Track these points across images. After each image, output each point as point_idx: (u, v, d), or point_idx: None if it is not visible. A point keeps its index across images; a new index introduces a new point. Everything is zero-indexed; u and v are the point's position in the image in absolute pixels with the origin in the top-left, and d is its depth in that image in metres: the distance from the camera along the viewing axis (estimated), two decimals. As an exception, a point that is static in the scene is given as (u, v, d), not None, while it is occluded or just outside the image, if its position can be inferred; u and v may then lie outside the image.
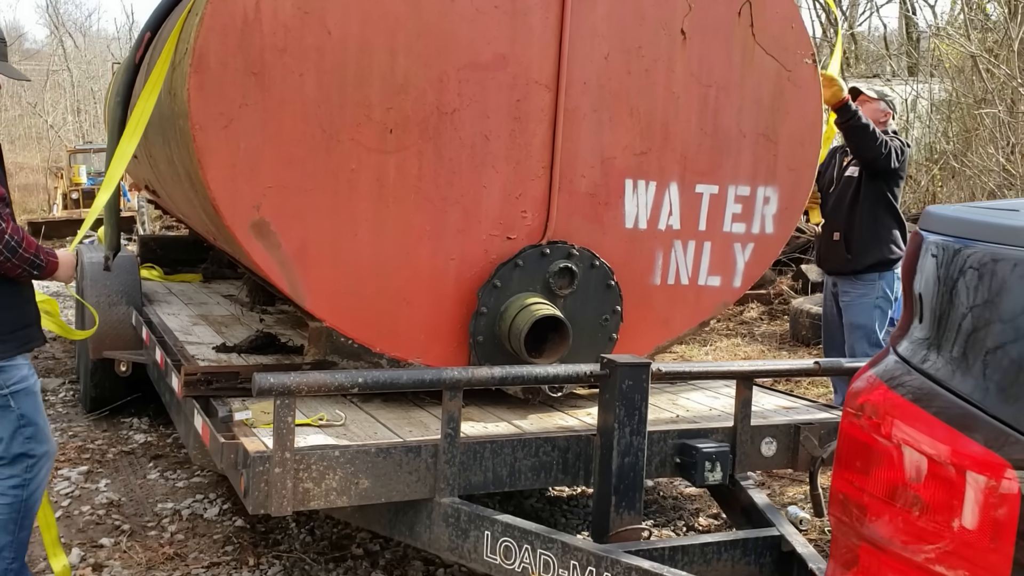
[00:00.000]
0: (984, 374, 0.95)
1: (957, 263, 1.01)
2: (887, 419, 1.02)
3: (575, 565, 2.82)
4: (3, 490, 3.23)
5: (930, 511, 0.96)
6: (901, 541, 0.97)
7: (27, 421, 3.24)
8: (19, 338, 3.23)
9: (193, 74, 3.13)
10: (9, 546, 3.24)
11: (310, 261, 3.35)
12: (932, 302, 1.00)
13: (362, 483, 3.02)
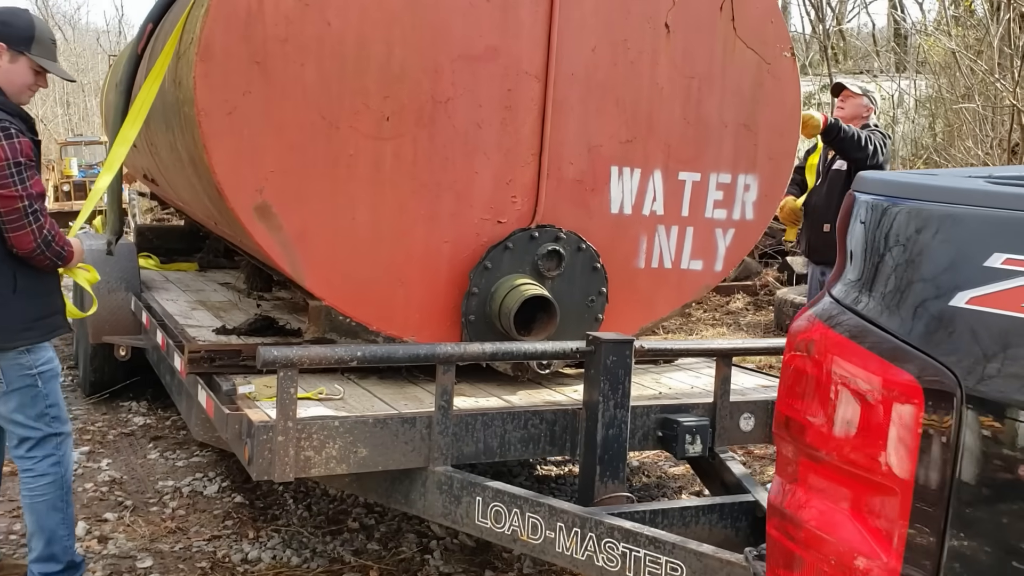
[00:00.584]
0: (910, 313, 1.12)
1: (885, 218, 1.18)
2: (826, 352, 1.19)
3: (561, 527, 2.99)
4: (44, 470, 3.34)
5: (860, 428, 1.13)
6: (836, 455, 1.14)
7: (52, 402, 3.37)
8: (46, 325, 3.35)
9: (199, 63, 3.29)
10: (62, 524, 3.37)
11: (310, 242, 3.51)
12: (862, 251, 1.16)
13: (360, 452, 3.18)
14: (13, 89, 3.25)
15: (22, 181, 3.11)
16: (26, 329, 3.27)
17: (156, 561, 3.92)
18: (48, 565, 3.35)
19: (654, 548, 2.79)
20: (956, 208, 1.07)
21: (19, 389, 3.25)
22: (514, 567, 4.02)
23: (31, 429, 3.30)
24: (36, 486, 3.33)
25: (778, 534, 1.21)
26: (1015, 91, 7.26)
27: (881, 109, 15.85)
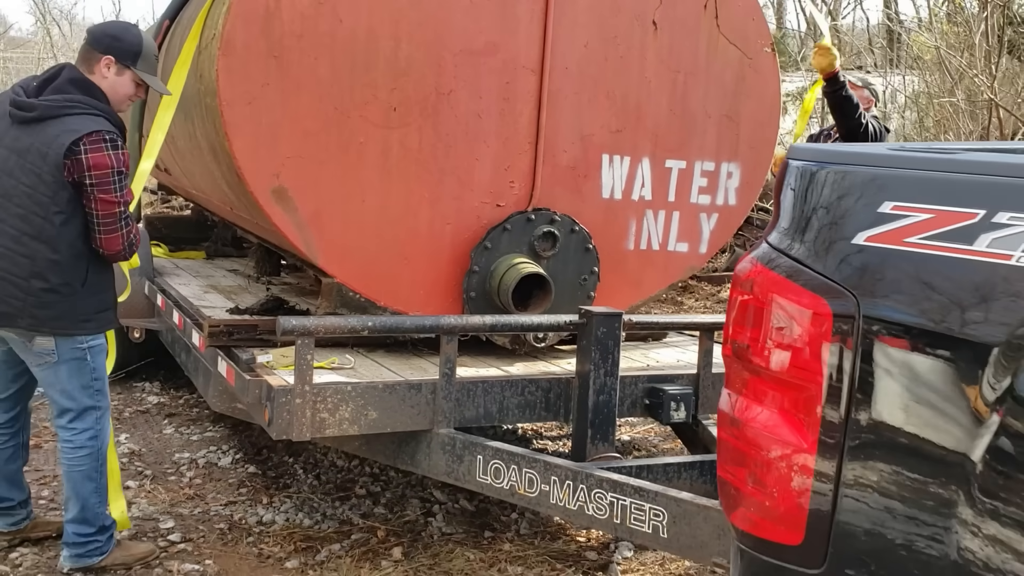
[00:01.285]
0: (827, 254, 1.40)
1: (812, 180, 1.46)
2: (765, 289, 1.47)
3: (555, 480, 3.28)
4: (82, 442, 3.54)
5: (789, 346, 1.41)
6: (772, 368, 1.43)
7: (97, 375, 3.58)
8: (103, 319, 3.56)
9: (221, 57, 3.57)
10: (94, 492, 3.61)
11: (323, 224, 3.79)
12: (792, 206, 1.45)
13: (371, 414, 3.47)
14: (116, 99, 3.50)
15: (120, 189, 3.32)
16: (85, 321, 3.47)
17: (177, 523, 4.19)
18: (81, 526, 3.61)
19: (639, 497, 3.08)
20: (862, 168, 1.35)
21: (69, 361, 3.46)
22: (511, 528, 4.30)
23: (74, 400, 3.52)
24: (74, 457, 3.56)
25: (727, 436, 1.49)
26: (992, 86, 7.56)
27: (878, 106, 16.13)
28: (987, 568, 1.15)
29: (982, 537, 1.16)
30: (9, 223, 3.32)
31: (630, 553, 4.07)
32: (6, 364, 3.65)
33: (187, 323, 4.74)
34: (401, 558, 3.90)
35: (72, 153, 3.23)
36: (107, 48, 3.44)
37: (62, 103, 3.32)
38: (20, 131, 3.33)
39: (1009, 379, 1.11)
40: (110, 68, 3.45)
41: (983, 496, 1.15)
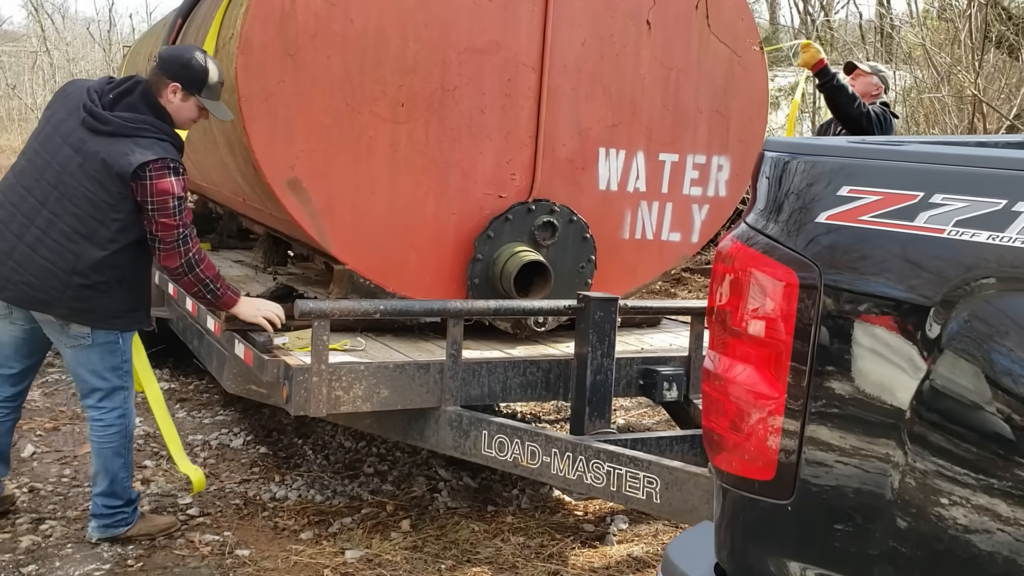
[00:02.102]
0: (796, 232, 1.63)
1: (786, 168, 1.68)
2: (745, 264, 1.69)
3: (556, 452, 3.50)
4: (112, 421, 3.75)
5: (763, 312, 1.64)
6: (749, 330, 1.65)
7: (126, 358, 3.78)
8: (134, 318, 3.76)
9: (240, 55, 3.78)
10: (123, 467, 3.82)
11: (335, 213, 4.01)
12: (767, 191, 1.67)
13: (382, 392, 3.69)
14: (179, 121, 3.71)
15: (180, 212, 3.52)
16: (116, 318, 3.66)
17: (195, 499, 4.41)
18: (110, 499, 3.82)
19: (633, 466, 3.31)
20: (826, 158, 1.57)
21: (103, 344, 3.66)
22: (512, 503, 4.53)
23: (104, 381, 3.72)
24: (104, 435, 3.77)
25: (711, 390, 1.71)
26: (976, 82, 7.79)
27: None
28: (915, 507, 1.37)
29: (910, 479, 1.38)
30: (64, 220, 3.50)
31: (625, 525, 4.30)
32: (25, 341, 3.82)
33: (201, 309, 4.94)
34: (409, 530, 4.12)
35: (138, 177, 3.42)
36: (175, 75, 3.62)
37: (135, 123, 3.51)
38: (89, 136, 3.49)
39: (939, 332, 1.33)
40: (176, 94, 3.63)
41: (910, 441, 1.37)
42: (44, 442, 5.18)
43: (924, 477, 1.36)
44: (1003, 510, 1.26)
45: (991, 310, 1.27)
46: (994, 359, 1.29)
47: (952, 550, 1.33)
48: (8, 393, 3.89)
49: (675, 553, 1.85)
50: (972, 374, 1.32)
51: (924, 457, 1.35)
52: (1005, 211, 1.29)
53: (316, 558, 3.80)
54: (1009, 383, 1.28)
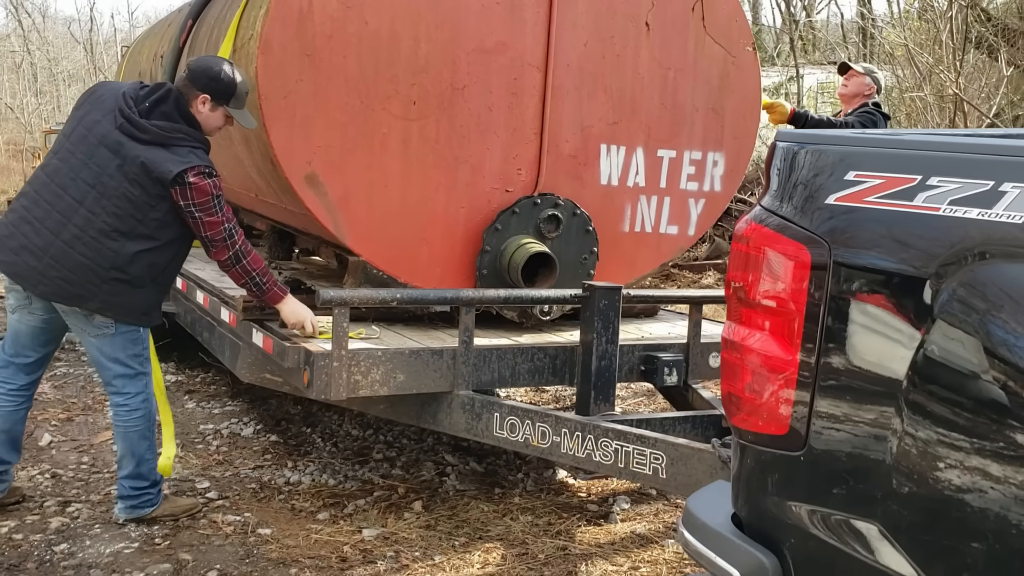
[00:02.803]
0: (807, 212, 1.82)
1: (795, 156, 1.87)
2: (760, 242, 1.88)
3: (565, 432, 3.69)
4: (136, 405, 3.91)
5: (778, 283, 1.83)
6: (764, 300, 1.84)
7: (145, 346, 3.97)
8: (154, 315, 3.92)
9: (260, 55, 3.94)
10: (148, 449, 3.98)
11: (350, 207, 4.18)
12: (779, 175, 1.86)
13: (399, 377, 3.87)
14: (207, 129, 3.89)
15: (221, 209, 3.73)
16: (144, 313, 3.85)
17: (212, 484, 4.57)
18: (137, 481, 3.98)
19: (640, 443, 3.50)
20: (832, 147, 1.76)
21: (125, 332, 3.83)
22: (519, 486, 4.72)
23: (128, 368, 3.88)
24: (130, 419, 3.92)
25: (729, 357, 1.90)
26: (957, 81, 8.03)
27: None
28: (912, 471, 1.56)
29: (907, 444, 1.57)
30: (102, 218, 3.65)
31: (627, 505, 4.49)
32: (42, 331, 3.95)
33: (214, 302, 5.11)
34: (422, 510, 4.30)
35: (177, 183, 3.63)
36: (204, 87, 3.80)
37: (172, 132, 3.71)
38: (126, 140, 3.66)
39: (932, 301, 1.52)
40: (205, 104, 3.82)
41: (907, 408, 1.57)
42: (60, 431, 5.32)
43: (918, 430, 1.55)
44: (994, 469, 1.44)
45: (978, 279, 1.47)
46: (980, 324, 1.48)
47: (944, 496, 1.52)
48: (23, 381, 4.02)
49: (694, 506, 2.04)
50: (961, 340, 1.51)
51: (919, 415, 1.55)
52: (992, 191, 1.48)
53: (335, 536, 3.97)
54: (995, 347, 1.47)
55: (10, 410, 4.00)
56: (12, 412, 4.01)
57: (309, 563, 3.70)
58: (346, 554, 3.80)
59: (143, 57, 7.74)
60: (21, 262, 3.73)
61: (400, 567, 3.71)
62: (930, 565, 1.54)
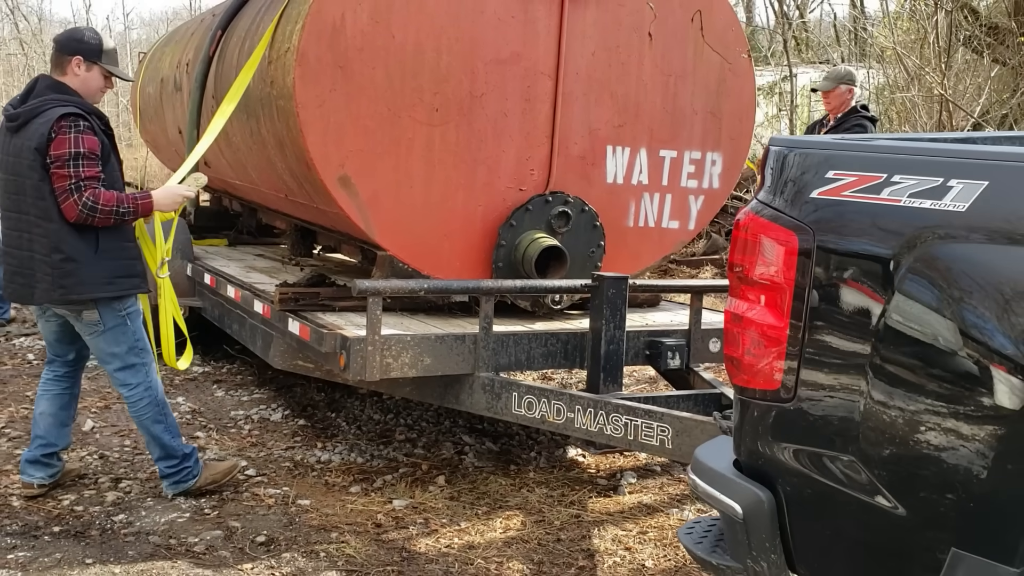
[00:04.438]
0: (796, 204, 2.19)
1: (786, 158, 2.24)
2: (757, 230, 2.24)
3: (579, 408, 4.06)
4: (140, 395, 4.15)
5: (772, 263, 2.20)
6: (760, 278, 2.21)
7: (138, 336, 4.17)
8: (125, 283, 4.07)
9: (297, 67, 4.31)
10: (165, 431, 4.23)
11: (379, 206, 4.54)
12: (772, 174, 2.22)
13: (426, 360, 4.23)
14: (89, 91, 4.06)
15: (76, 167, 3.82)
16: (107, 284, 3.99)
17: (249, 463, 4.93)
18: (167, 462, 4.28)
19: (648, 417, 3.87)
20: (816, 151, 2.13)
21: (113, 328, 4.05)
22: (532, 463, 5.08)
23: (122, 360, 4.11)
24: (139, 408, 4.18)
25: (731, 327, 2.26)
26: (943, 82, 8.41)
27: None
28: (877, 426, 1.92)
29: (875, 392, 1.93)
30: (33, 213, 3.91)
31: (634, 479, 4.86)
32: (63, 333, 4.24)
33: (246, 295, 5.47)
34: (445, 484, 4.67)
35: (48, 138, 3.81)
36: (75, 50, 4.02)
37: (39, 104, 3.91)
38: (14, 138, 3.93)
39: (893, 277, 1.89)
40: (80, 66, 4.02)
41: (872, 372, 1.93)
42: (100, 418, 5.67)
43: (883, 381, 1.92)
44: (940, 411, 1.81)
45: (928, 257, 1.84)
46: (930, 294, 1.85)
47: (906, 433, 1.89)
48: (65, 370, 4.34)
49: (702, 455, 2.41)
50: (913, 308, 1.87)
51: (882, 370, 1.92)
52: (942, 186, 1.85)
53: (368, 506, 4.34)
54: (942, 311, 1.83)
55: (55, 393, 4.31)
56: (57, 396, 4.32)
57: (348, 528, 4.06)
58: (380, 521, 4.17)
59: (164, 64, 8.09)
60: (15, 287, 4.06)
61: (430, 531, 4.08)
62: (893, 487, 1.91)
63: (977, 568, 1.77)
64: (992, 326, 1.73)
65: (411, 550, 3.90)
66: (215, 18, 6.44)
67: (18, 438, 5.16)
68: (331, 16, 4.32)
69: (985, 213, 1.79)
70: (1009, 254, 1.75)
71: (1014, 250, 1.75)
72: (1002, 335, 1.73)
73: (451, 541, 4.01)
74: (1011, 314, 1.73)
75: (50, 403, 4.32)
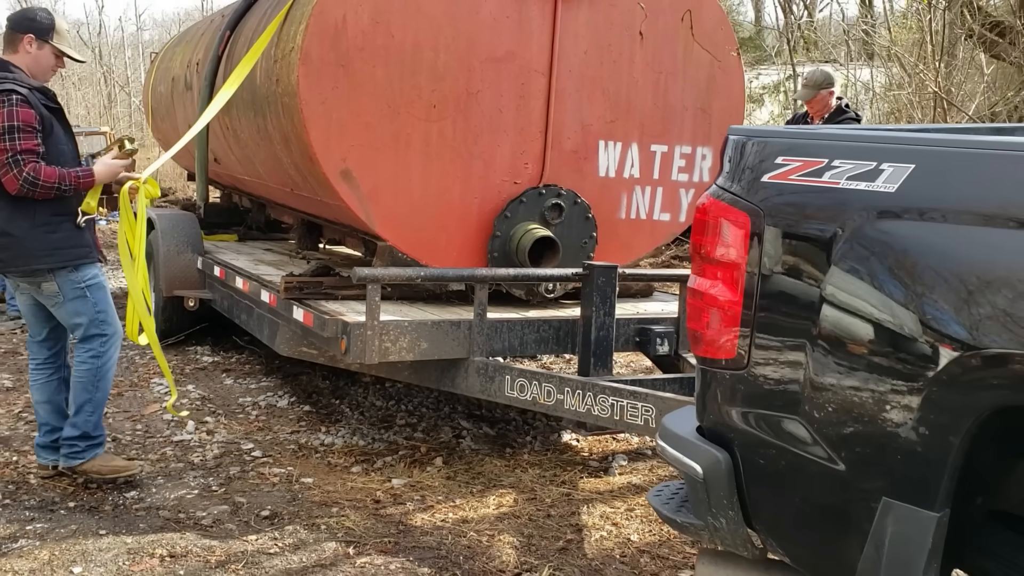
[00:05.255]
0: (751, 189, 2.38)
1: (744, 146, 2.43)
2: (717, 213, 2.44)
3: (568, 390, 4.25)
4: (85, 359, 4.24)
5: (728, 243, 2.39)
6: (717, 257, 2.41)
7: (100, 308, 4.23)
8: (69, 254, 4.10)
9: (301, 65, 4.52)
10: (89, 402, 4.27)
11: (379, 198, 4.75)
12: (731, 161, 2.41)
13: (422, 344, 4.44)
14: (40, 69, 4.16)
15: (12, 140, 3.89)
16: (46, 256, 4.07)
17: (256, 445, 5.14)
18: (71, 429, 4.29)
19: (633, 398, 4.06)
20: (769, 139, 2.33)
21: (73, 299, 4.17)
22: (527, 447, 5.28)
23: (82, 328, 4.22)
24: (78, 370, 4.28)
25: (693, 302, 2.45)
26: (937, 80, 8.57)
27: (849, 97, 17.17)
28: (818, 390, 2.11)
29: (816, 359, 2.12)
30: None
31: (625, 462, 5.05)
32: (37, 307, 4.34)
33: (254, 285, 5.68)
34: (442, 465, 4.87)
35: None
36: (27, 29, 4.12)
37: None
38: None
39: (832, 253, 2.08)
40: (32, 44, 4.12)
41: (813, 341, 2.11)
42: (112, 404, 5.88)
43: (822, 349, 2.11)
44: (871, 375, 1.99)
45: (862, 233, 2.03)
46: (861, 266, 2.03)
47: (844, 395, 2.08)
48: (44, 356, 4.45)
49: (669, 422, 2.60)
50: (847, 280, 2.05)
51: (821, 338, 2.11)
52: (874, 169, 2.04)
53: (368, 484, 4.54)
54: (872, 281, 2.01)
55: (43, 382, 4.46)
56: (46, 384, 4.45)
57: (348, 504, 4.27)
58: (379, 497, 4.37)
59: (176, 64, 8.32)
60: None
61: (427, 507, 4.28)
62: (833, 445, 2.10)
63: (903, 513, 1.96)
64: (916, 296, 1.92)
65: (407, 524, 4.10)
66: (224, 19, 6.66)
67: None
68: (333, 17, 4.53)
69: (912, 193, 1.98)
70: (933, 230, 1.94)
71: (938, 226, 1.94)
72: (926, 304, 1.91)
73: (446, 516, 4.21)
74: (934, 285, 1.91)
75: (42, 391, 4.46)
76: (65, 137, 4.23)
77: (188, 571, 3.58)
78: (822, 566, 2.30)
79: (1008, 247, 1.78)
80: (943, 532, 1.95)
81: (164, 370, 4.75)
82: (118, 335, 4.39)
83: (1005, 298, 1.76)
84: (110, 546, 3.77)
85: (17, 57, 4.16)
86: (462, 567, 3.71)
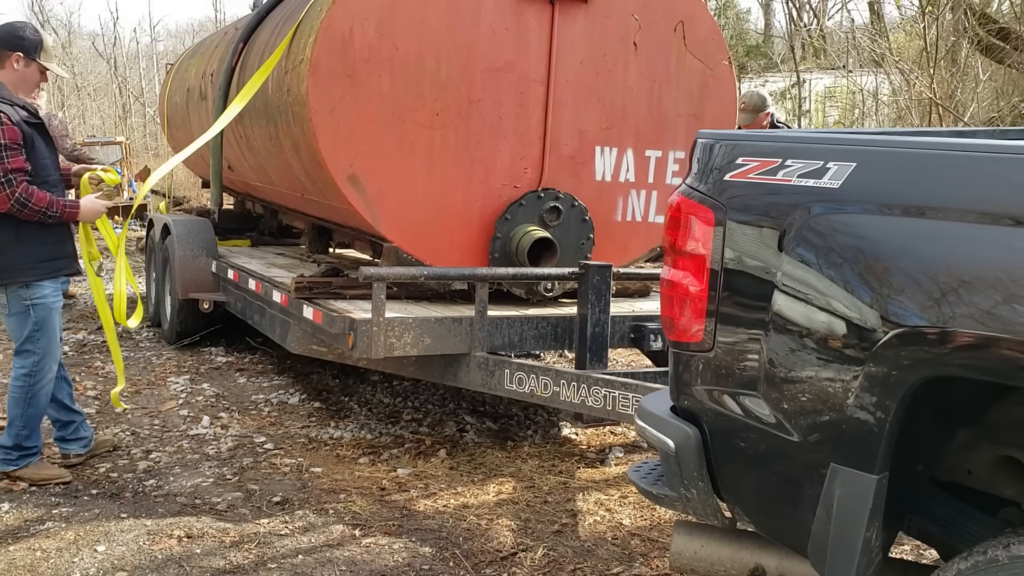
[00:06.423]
0: (717, 187, 2.61)
1: (711, 148, 2.66)
2: (687, 210, 2.66)
3: (563, 383, 4.48)
4: (18, 375, 4.35)
5: (696, 237, 2.62)
6: (686, 249, 2.63)
7: (38, 327, 4.30)
8: (50, 267, 4.29)
9: (310, 76, 4.77)
10: (20, 417, 4.35)
11: (385, 202, 4.99)
12: (699, 162, 2.64)
13: (426, 340, 4.67)
14: (26, 86, 4.29)
15: (1, 159, 4.01)
16: (29, 269, 4.22)
17: (268, 438, 5.39)
18: (7, 439, 4.41)
19: (624, 389, 4.28)
20: (736, 141, 2.55)
21: (16, 314, 4.29)
22: (528, 440, 5.50)
23: (19, 343, 4.36)
24: (12, 383, 4.40)
25: (666, 291, 2.67)
26: (931, 86, 8.77)
27: (855, 103, 17.37)
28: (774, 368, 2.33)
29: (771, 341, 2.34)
30: None
31: (621, 454, 5.27)
32: None
33: (266, 287, 5.93)
34: (446, 457, 5.10)
35: None
36: (15, 47, 4.23)
37: None
38: None
39: (783, 243, 2.30)
40: (19, 62, 4.25)
41: (768, 324, 2.34)
42: (131, 401, 6.15)
43: (776, 333, 2.33)
44: (815, 355, 2.22)
45: (808, 225, 2.25)
46: (808, 255, 2.26)
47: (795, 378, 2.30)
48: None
49: (646, 403, 2.83)
50: (796, 268, 2.27)
51: (776, 322, 2.33)
52: (822, 167, 2.27)
53: (375, 474, 4.78)
54: (819, 268, 2.23)
55: None
56: None
57: (355, 491, 4.51)
58: (384, 485, 4.61)
59: (191, 74, 8.60)
60: None
61: (430, 494, 4.51)
62: (788, 418, 2.32)
63: (848, 477, 2.18)
64: (854, 280, 2.14)
65: (411, 509, 4.33)
66: (237, 32, 6.93)
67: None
68: (341, 30, 4.78)
69: (854, 188, 2.20)
70: (870, 220, 2.16)
71: (873, 218, 2.16)
72: (862, 287, 2.14)
73: (448, 502, 4.44)
74: (872, 270, 2.13)
75: None
76: (47, 151, 4.37)
77: (204, 550, 3.81)
78: (782, 530, 2.52)
79: (926, 234, 2.00)
80: (883, 494, 2.17)
81: (115, 357, 4.96)
82: (52, 358, 4.43)
83: (924, 280, 1.99)
84: (131, 528, 4.01)
85: (3, 74, 4.26)
86: (461, 547, 3.93)
